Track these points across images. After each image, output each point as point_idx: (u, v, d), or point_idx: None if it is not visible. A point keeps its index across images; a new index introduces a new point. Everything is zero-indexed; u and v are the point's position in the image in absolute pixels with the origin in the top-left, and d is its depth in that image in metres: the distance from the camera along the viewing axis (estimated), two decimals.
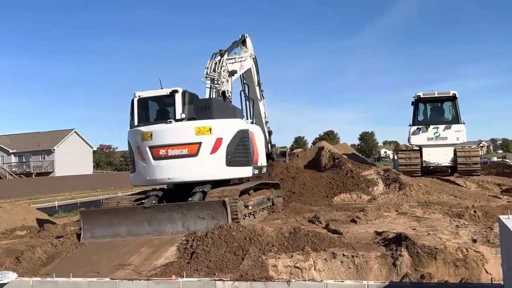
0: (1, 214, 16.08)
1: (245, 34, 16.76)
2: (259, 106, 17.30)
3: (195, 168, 11.05)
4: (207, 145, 11.06)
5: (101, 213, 10.96)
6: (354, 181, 16.41)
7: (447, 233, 9.12)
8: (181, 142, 11.11)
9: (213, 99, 12.15)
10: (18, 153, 72.16)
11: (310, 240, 8.55)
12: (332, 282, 6.83)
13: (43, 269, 9.25)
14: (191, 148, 11.02)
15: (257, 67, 17.14)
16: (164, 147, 11.19)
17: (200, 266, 8.14)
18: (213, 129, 11.11)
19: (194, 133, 11.08)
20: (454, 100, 21.04)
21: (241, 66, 15.19)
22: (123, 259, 9.10)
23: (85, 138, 77.57)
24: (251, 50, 16.74)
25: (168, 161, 11.19)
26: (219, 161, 11.14)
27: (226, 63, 13.50)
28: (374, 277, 7.51)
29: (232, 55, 15.11)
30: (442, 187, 17.26)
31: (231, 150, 11.28)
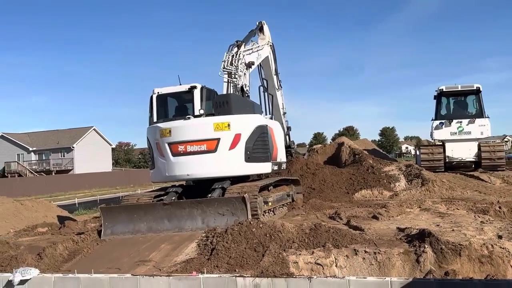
0: (22, 211, 16.36)
1: (262, 21, 16.60)
2: (277, 97, 17.25)
3: (213, 164, 11.07)
4: (225, 141, 11.06)
5: (121, 209, 11.05)
6: (375, 177, 16.31)
7: (471, 229, 9.01)
8: (199, 138, 11.14)
9: (231, 95, 12.14)
10: (38, 151, 73.14)
11: (331, 237, 8.53)
12: (354, 279, 6.80)
13: (65, 265, 9.38)
14: (210, 144, 11.04)
15: (274, 55, 17.04)
16: (182, 143, 11.23)
17: (220, 262, 8.18)
18: (232, 125, 11.11)
19: (213, 129, 11.09)
20: (478, 94, 20.74)
21: (259, 55, 15.09)
22: (144, 255, 9.18)
23: (104, 135, 78.31)
24: (268, 37, 16.60)
25: (187, 157, 11.23)
26: (238, 157, 11.14)
27: (243, 55, 13.37)
28: (397, 274, 7.47)
29: (249, 44, 14.96)
30: (466, 182, 17.06)
31: (250, 146, 11.27)
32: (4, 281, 8.78)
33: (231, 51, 13.18)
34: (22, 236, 12.45)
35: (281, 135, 14.01)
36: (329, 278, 6.98)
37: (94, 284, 8.16)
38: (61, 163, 71.47)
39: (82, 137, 73.34)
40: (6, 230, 14.04)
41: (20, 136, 75.61)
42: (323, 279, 6.94)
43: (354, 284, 6.70)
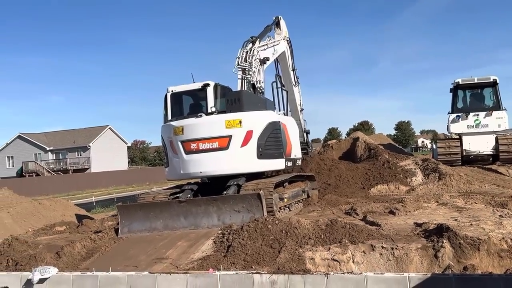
0: (40, 210, 16.55)
1: (279, 15, 16.35)
2: (294, 93, 17.10)
3: (226, 161, 11.08)
4: (237, 138, 11.06)
5: (138, 207, 11.12)
6: (391, 171, 16.19)
7: (490, 223, 8.90)
8: (211, 135, 11.15)
9: (243, 91, 12.09)
10: (55, 150, 73.93)
11: (348, 232, 8.48)
12: (372, 275, 6.78)
13: (83, 263, 9.46)
14: (222, 141, 11.04)
15: (291, 50, 16.85)
16: (195, 141, 11.27)
17: (236, 259, 8.18)
18: (243, 122, 11.10)
19: (224, 126, 11.09)
20: (495, 86, 20.45)
21: (274, 51, 14.93)
22: (161, 252, 9.23)
23: (119, 134, 78.90)
24: (285, 32, 16.39)
25: (199, 155, 11.27)
26: (250, 154, 11.12)
27: (258, 51, 13.26)
28: (415, 270, 7.41)
29: (265, 39, 14.75)
30: (484, 176, 16.84)
31: (262, 142, 11.23)
32: (24, 280, 8.90)
33: (245, 47, 13.06)
34: (40, 235, 12.57)
35: (296, 131, 13.91)
36: (346, 274, 6.96)
37: (112, 282, 8.24)
38: (78, 162, 72.19)
39: (98, 136, 73.95)
40: (25, 229, 14.21)
41: (37, 136, 76.48)
42: (340, 275, 6.92)
43: (371, 280, 6.68)
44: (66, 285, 8.58)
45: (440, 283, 6.44)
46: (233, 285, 7.37)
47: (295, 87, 17.24)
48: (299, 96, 17.70)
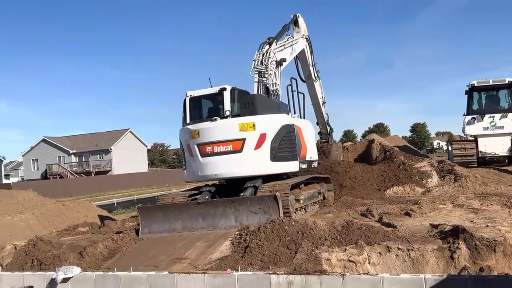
0: (64, 211, 16.72)
1: (297, 14, 16.15)
2: (315, 87, 17.19)
3: (240, 164, 11.06)
4: (251, 141, 11.02)
5: (158, 209, 11.18)
6: (407, 173, 16.02)
7: (506, 225, 8.74)
8: (225, 138, 11.15)
9: (256, 95, 12.09)
10: (78, 153, 74.75)
11: (364, 234, 8.42)
12: (388, 276, 6.73)
13: (105, 263, 9.54)
14: (236, 144, 11.03)
15: (311, 47, 16.79)
16: (210, 144, 11.29)
17: (254, 260, 8.18)
18: (257, 125, 11.06)
19: (238, 130, 11.07)
20: (510, 88, 20.17)
21: (293, 50, 14.89)
22: (180, 253, 9.27)
23: (139, 137, 79.42)
24: (304, 30, 16.25)
25: (214, 157, 11.28)
26: (263, 156, 11.07)
27: (274, 52, 13.15)
28: (431, 271, 7.32)
29: (284, 38, 14.64)
30: (500, 177, 16.58)
31: (275, 145, 11.17)
32: (48, 279, 9.01)
33: (262, 49, 12.97)
34: (64, 236, 12.68)
35: (311, 134, 13.83)
36: (363, 275, 6.92)
37: (133, 281, 8.30)
38: (99, 165, 72.88)
39: (119, 139, 74.59)
40: (49, 230, 14.36)
41: (61, 140, 77.41)
42: (357, 276, 6.88)
43: (387, 281, 6.63)
44: (89, 284, 8.67)
45: (456, 284, 6.38)
46: (251, 285, 7.38)
47: (316, 82, 17.28)
48: (321, 90, 17.77)
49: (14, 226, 14.55)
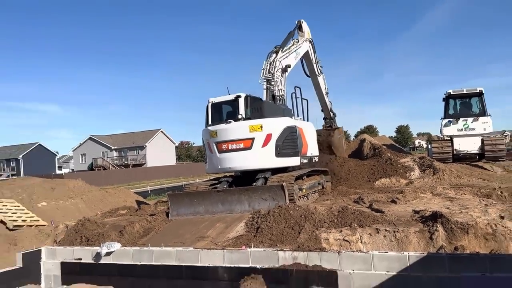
0: (107, 197, 16.84)
1: (301, 19, 15.68)
2: (318, 81, 17.01)
3: (249, 159, 11.07)
4: (259, 140, 11.01)
5: (184, 195, 11.22)
6: (393, 167, 15.88)
7: (477, 211, 8.65)
8: (238, 138, 11.17)
9: (264, 102, 12.00)
10: (118, 149, 75.34)
11: (356, 218, 8.40)
12: (377, 253, 6.70)
13: (141, 240, 9.61)
14: (246, 142, 11.04)
15: (313, 48, 16.35)
16: (225, 142, 11.33)
17: (264, 238, 8.21)
18: (264, 127, 11.05)
19: (248, 131, 11.08)
20: (481, 96, 20.00)
21: (297, 54, 14.63)
22: (203, 232, 9.31)
23: (169, 136, 79.80)
24: (307, 33, 15.84)
25: (229, 153, 11.31)
26: (269, 152, 11.04)
27: (280, 61, 12.94)
28: (413, 249, 7.29)
29: (290, 43, 14.40)
30: (471, 171, 16.38)
31: (279, 143, 11.13)
32: (94, 253, 9.09)
33: (269, 58, 12.83)
34: (107, 217, 12.77)
35: (313, 134, 13.71)
36: (356, 252, 6.90)
37: (164, 255, 8.35)
38: (136, 159, 73.37)
39: (152, 138, 75.01)
40: (95, 212, 14.47)
41: (104, 138, 78.02)
42: (351, 253, 6.86)
43: (377, 257, 6.60)
44: (128, 257, 8.73)
45: (434, 261, 6.33)
46: (262, 260, 7.38)
47: (319, 76, 17.03)
48: (323, 82, 17.52)
49: (66, 209, 14.68)
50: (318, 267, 6.90)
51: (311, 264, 6.98)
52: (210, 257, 7.84)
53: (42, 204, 14.49)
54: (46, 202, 14.67)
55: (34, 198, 14.66)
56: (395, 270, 6.42)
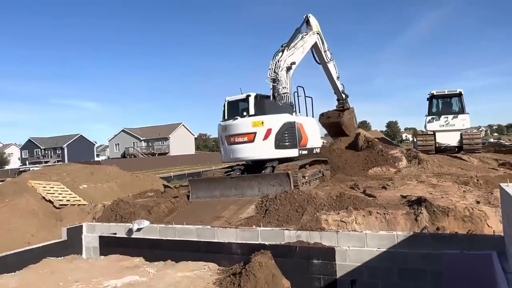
0: (137, 181, 16.94)
1: (308, 14, 14.71)
2: (328, 67, 16.27)
3: (252, 150, 11.08)
4: (260, 134, 10.96)
5: (203, 181, 11.25)
6: (384, 158, 15.75)
7: (456, 196, 8.59)
8: (243, 132, 11.17)
9: (266, 100, 11.79)
10: (146, 140, 75.76)
11: (352, 202, 8.36)
12: (370, 232, 6.68)
13: (166, 218, 9.66)
14: (250, 136, 11.03)
15: (321, 39, 15.39)
16: (233, 136, 11.37)
17: (271, 219, 8.21)
18: (265, 122, 11.01)
19: (251, 126, 11.07)
20: (460, 96, 19.74)
21: (304, 48, 13.80)
22: (218, 213, 9.34)
23: (189, 128, 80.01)
24: (315, 26, 14.89)
25: (236, 145, 11.34)
26: (269, 145, 10.97)
27: (284, 60, 12.27)
28: (401, 229, 7.25)
29: (298, 38, 13.53)
30: (451, 161, 16.18)
31: (279, 137, 11.01)
32: (126, 228, 9.19)
33: (275, 58, 12.35)
34: (137, 198, 12.84)
35: (314, 128, 13.28)
36: (351, 232, 6.89)
37: (185, 232, 8.41)
38: (161, 148, 73.74)
39: (175, 130, 75.27)
40: (127, 194, 14.53)
41: (135, 130, 78.47)
42: (347, 233, 6.85)
43: (369, 236, 6.59)
44: (155, 233, 8.81)
45: (419, 239, 6.30)
46: (269, 237, 7.40)
47: (329, 63, 16.21)
48: (334, 68, 16.72)
49: (103, 190, 14.81)
50: (318, 244, 6.91)
51: (313, 241, 6.99)
52: (225, 234, 7.87)
53: (83, 186, 14.64)
54: (87, 185, 14.81)
55: (76, 181, 14.81)
56: (385, 247, 6.41)
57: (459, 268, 5.73)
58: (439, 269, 5.96)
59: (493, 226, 6.98)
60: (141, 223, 8.94)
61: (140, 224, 8.90)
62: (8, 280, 6.79)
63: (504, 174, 12.40)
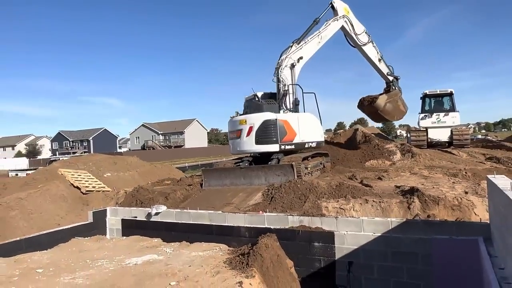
0: (155, 171, 17.08)
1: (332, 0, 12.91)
2: (364, 50, 14.16)
3: (240, 145, 11.22)
4: (244, 131, 11.10)
5: (215, 171, 11.27)
6: (380, 151, 15.62)
7: (446, 187, 8.51)
8: (235, 129, 11.43)
9: (252, 101, 11.64)
10: (164, 134, 76.15)
11: (350, 191, 8.32)
12: (366, 219, 6.66)
13: (181, 204, 9.69)
14: (238, 133, 11.24)
15: (351, 22, 13.38)
16: (230, 132, 11.73)
17: (277, 206, 8.21)
18: (247, 121, 11.13)
19: (238, 124, 11.28)
20: (451, 95, 19.48)
21: (321, 39, 12.34)
22: (228, 199, 9.36)
23: (202, 123, 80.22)
24: (342, 11, 13.09)
25: (232, 140, 11.61)
26: (251, 141, 11.02)
27: (290, 57, 11.54)
28: (394, 216, 7.22)
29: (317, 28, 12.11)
30: (442, 155, 16.01)
31: (259, 133, 10.91)
32: (146, 213, 9.26)
33: (281, 56, 11.57)
34: (155, 186, 12.90)
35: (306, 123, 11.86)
36: (349, 218, 6.87)
37: (199, 216, 8.45)
38: (177, 141, 74.11)
39: (189, 125, 75.54)
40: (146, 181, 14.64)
41: (153, 125, 78.89)
42: (345, 219, 6.84)
43: (366, 222, 6.57)
44: (171, 217, 8.87)
45: (411, 225, 6.27)
46: (275, 222, 7.42)
47: (365, 46, 14.04)
48: (372, 50, 14.36)
49: (125, 179, 14.96)
50: (319, 229, 6.91)
51: (314, 226, 6.99)
52: (234, 219, 7.90)
53: (107, 174, 14.78)
54: (110, 173, 14.96)
55: (101, 170, 14.95)
56: (380, 232, 6.40)
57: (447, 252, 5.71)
58: (429, 252, 5.95)
59: (479, 214, 6.92)
60: (159, 207, 9.00)
61: (158, 209, 8.96)
62: (42, 256, 6.92)
63: (490, 167, 12.26)
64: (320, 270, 6.74)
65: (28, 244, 7.75)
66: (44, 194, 11.19)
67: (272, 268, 5.78)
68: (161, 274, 5.45)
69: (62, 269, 6.03)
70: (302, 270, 6.83)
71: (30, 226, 9.59)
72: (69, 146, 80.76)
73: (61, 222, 9.98)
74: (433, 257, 5.88)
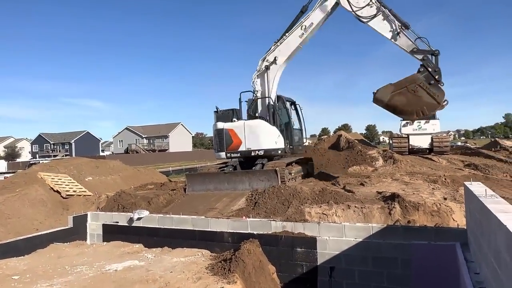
0: (138, 175, 16.83)
1: None
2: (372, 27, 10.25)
3: None
4: None
5: (198, 175, 11.21)
6: (362, 157, 15.82)
7: (426, 193, 8.67)
8: None
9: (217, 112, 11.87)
10: (148, 137, 75.13)
11: (333, 196, 8.39)
12: (348, 224, 6.73)
13: (164, 209, 9.59)
14: None
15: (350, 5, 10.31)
16: None
17: (260, 211, 8.21)
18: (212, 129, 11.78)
19: None
20: None
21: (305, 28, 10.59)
22: (212, 204, 9.31)
23: (187, 127, 79.61)
24: None
25: None
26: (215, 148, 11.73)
27: (266, 58, 11.23)
28: (376, 222, 7.31)
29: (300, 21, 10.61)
30: (423, 162, 16.33)
31: (213, 142, 11.59)
32: (128, 218, 9.11)
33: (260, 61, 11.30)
34: (138, 190, 12.76)
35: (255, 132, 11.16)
36: (332, 223, 6.93)
37: (182, 221, 8.36)
38: (161, 145, 73.23)
39: (174, 129, 74.83)
40: (129, 186, 14.45)
41: (137, 128, 77.76)
42: (328, 224, 6.89)
43: (348, 227, 6.63)
44: (154, 222, 8.75)
45: (392, 231, 6.36)
46: (258, 227, 7.41)
47: (370, 21, 10.22)
48: (384, 24, 10.18)
49: (107, 183, 14.70)
50: (302, 234, 6.93)
51: (297, 231, 7.02)
52: (217, 224, 7.86)
53: (89, 178, 14.50)
54: (92, 177, 14.67)
55: (82, 174, 14.66)
56: (361, 237, 6.47)
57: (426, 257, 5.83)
58: (409, 258, 6.05)
59: (458, 220, 7.08)
60: (141, 212, 8.87)
61: (140, 214, 8.83)
62: (18, 262, 6.71)
63: (469, 174, 12.57)
64: (303, 275, 6.76)
65: (5, 250, 7.51)
66: (22, 198, 10.88)
67: (254, 273, 5.77)
68: (142, 280, 5.36)
69: (40, 275, 5.86)
70: (285, 275, 6.83)
71: (7, 231, 9.29)
72: (50, 149, 78.79)
73: (40, 227, 9.71)
74: (412, 262, 5.98)
